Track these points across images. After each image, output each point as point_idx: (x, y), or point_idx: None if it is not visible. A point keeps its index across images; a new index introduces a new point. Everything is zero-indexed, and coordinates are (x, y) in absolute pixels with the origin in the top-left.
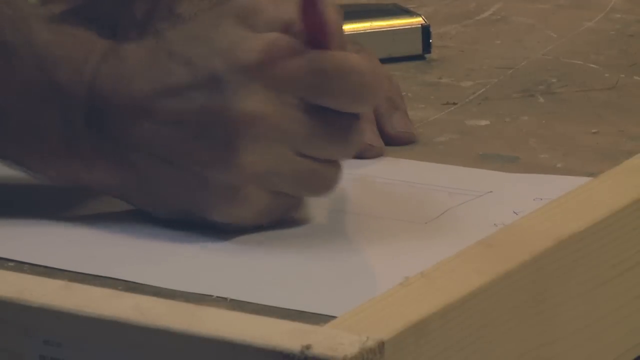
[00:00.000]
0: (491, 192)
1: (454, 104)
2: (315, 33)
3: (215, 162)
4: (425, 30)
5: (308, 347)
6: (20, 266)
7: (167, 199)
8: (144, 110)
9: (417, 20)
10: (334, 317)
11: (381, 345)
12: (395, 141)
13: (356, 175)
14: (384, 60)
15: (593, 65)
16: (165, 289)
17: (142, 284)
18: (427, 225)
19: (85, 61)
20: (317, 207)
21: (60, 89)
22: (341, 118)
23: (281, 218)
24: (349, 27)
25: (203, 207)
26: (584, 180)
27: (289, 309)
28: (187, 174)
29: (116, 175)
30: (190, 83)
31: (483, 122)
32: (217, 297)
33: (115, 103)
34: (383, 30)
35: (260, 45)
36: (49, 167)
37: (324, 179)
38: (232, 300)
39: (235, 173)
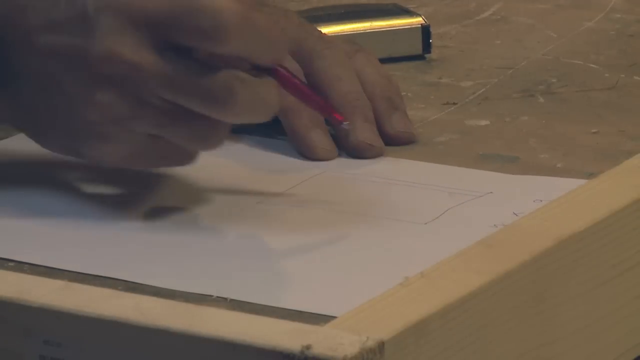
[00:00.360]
0: (491, 192)
1: (454, 104)
2: None
3: (77, 98)
4: (425, 30)
5: (308, 347)
6: (20, 266)
7: (48, 131)
8: (29, 42)
9: (417, 20)
10: (334, 317)
11: (381, 345)
12: (395, 141)
13: (356, 175)
14: (384, 60)
15: (593, 65)
16: (165, 289)
17: (142, 284)
18: (427, 225)
19: None
20: (317, 207)
21: None
22: (206, 69)
23: (169, 165)
24: (349, 27)
25: (75, 141)
26: (584, 182)
27: (289, 309)
28: (61, 107)
29: (7, 107)
30: (67, 18)
31: (483, 122)
32: (217, 297)
33: (7, 34)
34: (383, 30)
35: None
36: None
37: (194, 131)
38: (232, 300)
39: (93, 111)
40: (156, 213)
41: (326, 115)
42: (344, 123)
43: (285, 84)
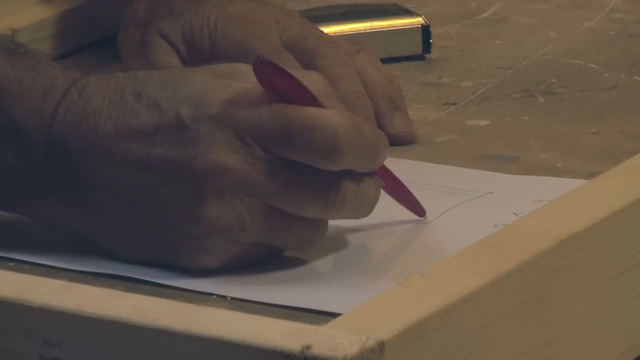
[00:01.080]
0: (491, 192)
1: (454, 104)
2: (286, 92)
3: (178, 212)
4: (425, 30)
5: (308, 347)
6: (20, 266)
7: (130, 242)
8: (106, 152)
9: (417, 20)
10: (334, 317)
11: (381, 345)
12: (395, 141)
13: None
14: (384, 60)
15: (593, 65)
16: (165, 289)
17: (142, 284)
18: (427, 225)
19: (45, 97)
20: None
21: (17, 127)
22: (315, 174)
23: (263, 261)
24: (349, 27)
25: (167, 254)
26: (584, 182)
27: (289, 310)
28: (151, 219)
29: (76, 216)
30: (155, 128)
31: (483, 122)
32: (217, 297)
33: (76, 143)
34: (383, 30)
35: (227, 93)
36: (11, 205)
37: (299, 235)
38: (232, 300)
39: (199, 225)
40: None
41: (416, 212)
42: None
43: (385, 180)
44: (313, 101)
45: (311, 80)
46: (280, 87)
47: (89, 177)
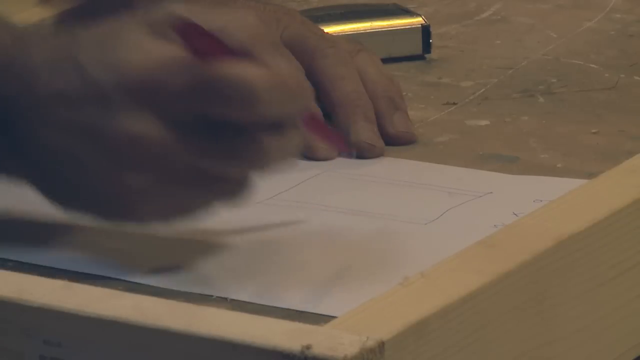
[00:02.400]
0: (491, 193)
1: (454, 104)
2: (203, 50)
3: (103, 178)
4: (425, 30)
5: (308, 347)
6: (20, 266)
7: (68, 200)
8: (38, 113)
9: (417, 20)
10: (334, 317)
11: (381, 345)
12: (395, 141)
13: (356, 175)
14: (384, 60)
15: (593, 65)
16: (165, 289)
17: (142, 284)
18: (427, 225)
19: None
20: (317, 207)
21: None
22: (236, 132)
23: (196, 214)
24: (349, 27)
25: (97, 212)
26: (584, 182)
27: (289, 309)
28: (83, 181)
29: (25, 173)
30: (82, 94)
31: (483, 122)
32: (217, 297)
33: (11, 100)
34: (383, 30)
35: (151, 57)
36: None
37: (224, 192)
38: (232, 300)
39: (120, 190)
40: None
41: (341, 149)
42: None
43: (308, 124)
44: (234, 55)
45: (241, 28)
46: (200, 47)
47: (24, 134)
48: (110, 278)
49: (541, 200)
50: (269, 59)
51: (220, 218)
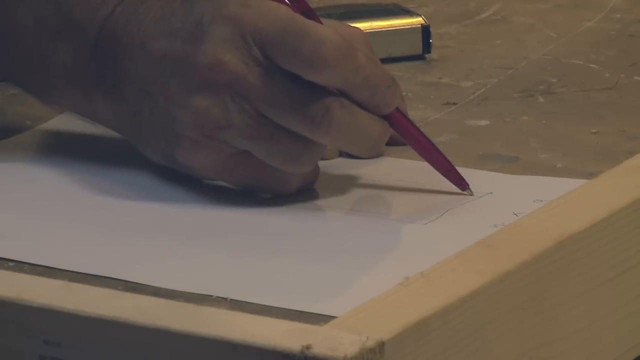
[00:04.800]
0: (491, 193)
1: (454, 104)
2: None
3: (177, 101)
4: (425, 30)
5: (308, 347)
6: (20, 266)
7: (149, 136)
8: (141, 45)
9: (417, 20)
10: (334, 317)
11: (381, 345)
12: (395, 141)
13: (356, 175)
14: (384, 60)
15: (593, 65)
16: (165, 289)
17: (142, 284)
18: (427, 225)
19: (103, 0)
20: (317, 207)
21: (74, 24)
22: (306, 88)
23: (261, 187)
24: None
25: (170, 146)
26: (584, 182)
27: (289, 309)
28: (161, 109)
29: (111, 108)
30: (183, 26)
31: (483, 122)
32: (217, 297)
33: (121, 38)
34: (383, 30)
35: (245, 0)
36: (52, 95)
37: (284, 149)
38: (232, 300)
39: (189, 115)
40: (156, 213)
41: (441, 171)
42: (466, 190)
43: (399, 128)
44: (316, 18)
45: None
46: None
47: (125, 69)
48: (110, 278)
49: (541, 200)
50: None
51: (220, 218)
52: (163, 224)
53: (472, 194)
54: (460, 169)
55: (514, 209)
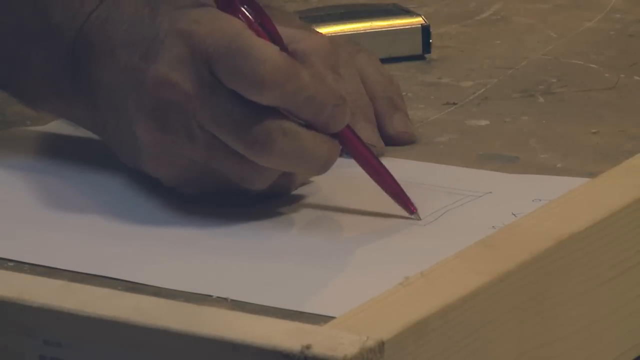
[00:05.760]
0: (491, 192)
1: (454, 104)
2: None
3: (133, 118)
4: (425, 30)
5: (308, 347)
6: (20, 266)
7: (118, 145)
8: (110, 54)
9: (417, 20)
10: (334, 317)
11: (381, 345)
12: (395, 141)
13: (356, 175)
14: (384, 60)
15: (593, 65)
16: (165, 289)
17: (142, 284)
18: (426, 225)
19: (82, 5)
20: (317, 207)
21: (52, 29)
22: (248, 109)
23: (223, 193)
24: (349, 27)
25: (138, 158)
26: (583, 180)
27: (289, 309)
28: (125, 123)
29: (90, 115)
30: (143, 38)
31: (483, 122)
32: (217, 297)
33: (94, 46)
34: (383, 30)
35: (199, 13)
36: (36, 100)
37: (237, 170)
38: (232, 300)
39: (146, 133)
40: (156, 213)
41: (389, 193)
42: (413, 214)
43: (349, 148)
44: (276, 33)
45: (315, 43)
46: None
47: (97, 76)
48: (110, 278)
49: (540, 200)
50: (296, 64)
51: (220, 218)
52: (163, 224)
53: (419, 219)
54: (459, 169)
55: (513, 209)
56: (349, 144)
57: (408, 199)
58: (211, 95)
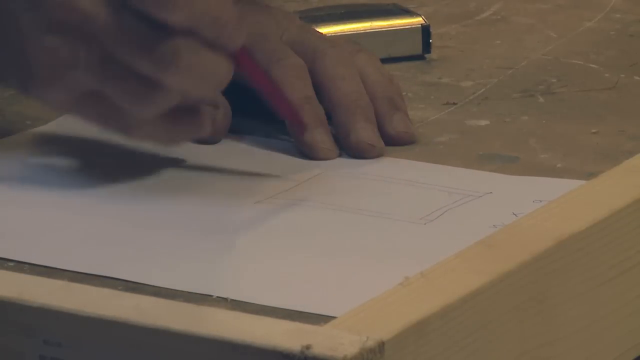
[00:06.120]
0: (491, 193)
1: (454, 104)
2: None
3: (29, 38)
4: (425, 30)
5: (308, 347)
6: (20, 266)
7: (7, 65)
8: None
9: (417, 20)
10: (334, 317)
11: (381, 345)
12: (395, 141)
13: (356, 175)
14: (384, 60)
15: (593, 65)
16: (165, 289)
17: (142, 284)
18: (427, 225)
19: None
20: (317, 207)
21: None
22: (155, 28)
23: (109, 126)
24: (349, 27)
25: (27, 80)
26: (584, 182)
27: (289, 309)
28: (16, 44)
29: None
30: None
31: (483, 122)
32: (217, 297)
33: None
34: (383, 30)
35: None
36: None
37: (133, 90)
38: (232, 300)
39: (41, 53)
40: (156, 213)
41: (283, 114)
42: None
43: (245, 69)
44: None
45: None
46: None
47: None
48: (110, 278)
49: (541, 201)
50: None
51: (220, 218)
52: (163, 224)
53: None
54: (460, 169)
55: (513, 209)
56: (245, 65)
57: (301, 119)
58: (115, 15)
